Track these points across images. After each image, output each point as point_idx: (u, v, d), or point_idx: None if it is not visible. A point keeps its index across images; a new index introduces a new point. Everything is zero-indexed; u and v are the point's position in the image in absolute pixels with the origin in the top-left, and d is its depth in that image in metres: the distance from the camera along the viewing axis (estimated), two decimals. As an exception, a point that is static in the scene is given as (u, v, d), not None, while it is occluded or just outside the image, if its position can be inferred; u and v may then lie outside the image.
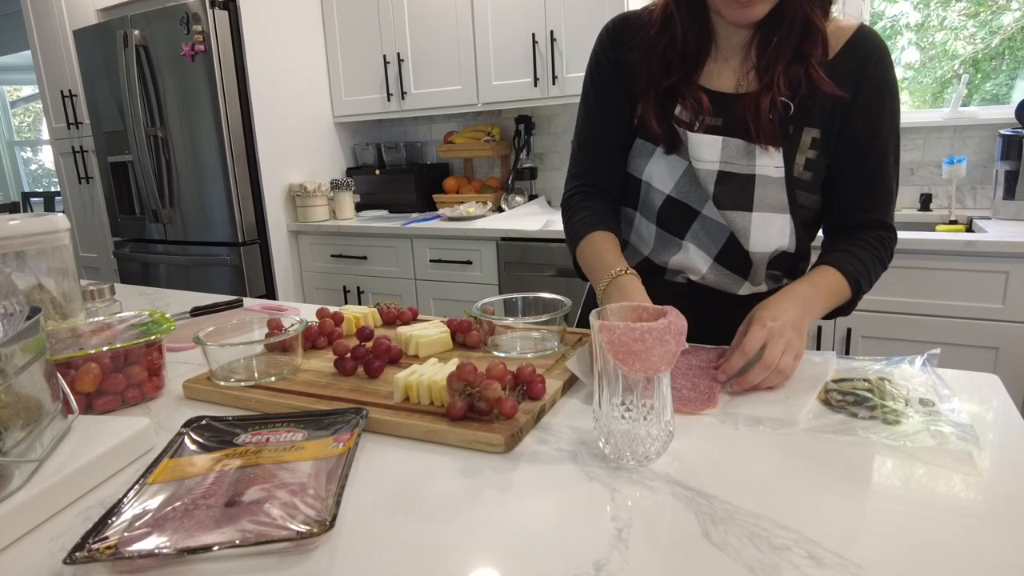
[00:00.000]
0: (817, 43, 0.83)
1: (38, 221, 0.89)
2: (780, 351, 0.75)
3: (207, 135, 2.65)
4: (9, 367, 0.56)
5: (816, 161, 0.88)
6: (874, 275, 0.90)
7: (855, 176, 0.89)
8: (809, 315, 0.82)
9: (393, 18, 2.77)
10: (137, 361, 0.81)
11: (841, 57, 0.85)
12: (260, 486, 0.54)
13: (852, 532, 0.49)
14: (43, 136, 5.48)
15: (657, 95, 0.90)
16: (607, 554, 0.48)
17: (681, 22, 0.88)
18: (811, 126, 0.87)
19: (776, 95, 0.84)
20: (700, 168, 0.88)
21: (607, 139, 0.99)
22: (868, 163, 0.88)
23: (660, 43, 0.90)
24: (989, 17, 2.32)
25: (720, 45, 0.90)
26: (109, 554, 0.47)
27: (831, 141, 0.88)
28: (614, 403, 0.59)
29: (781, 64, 0.84)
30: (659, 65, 0.90)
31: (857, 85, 0.85)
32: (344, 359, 0.83)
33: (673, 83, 0.89)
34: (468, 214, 2.68)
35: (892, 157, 0.89)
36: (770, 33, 0.85)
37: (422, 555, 0.49)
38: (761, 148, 0.86)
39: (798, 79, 0.84)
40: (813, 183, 0.89)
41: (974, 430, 0.63)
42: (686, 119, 0.89)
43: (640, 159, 0.95)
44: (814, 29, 0.83)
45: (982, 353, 1.78)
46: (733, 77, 0.90)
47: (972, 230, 2.04)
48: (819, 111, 0.86)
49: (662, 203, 0.93)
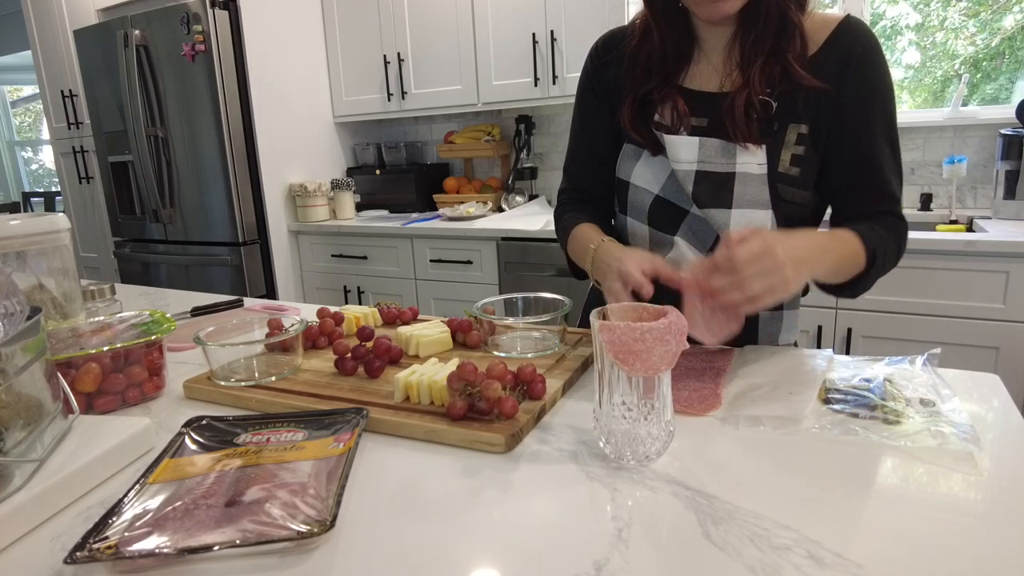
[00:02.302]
0: (794, 37, 0.83)
1: (39, 221, 0.89)
2: (755, 268, 0.66)
3: (207, 135, 2.65)
4: (10, 367, 0.56)
5: (805, 157, 0.87)
6: (888, 257, 0.85)
7: (849, 169, 0.87)
8: (817, 260, 0.75)
9: (393, 18, 2.77)
10: (137, 361, 0.81)
11: (825, 50, 0.85)
12: (260, 486, 0.54)
13: (853, 532, 0.49)
14: (43, 136, 5.48)
15: (635, 101, 0.92)
16: (607, 554, 0.48)
17: (658, 29, 0.90)
18: (796, 122, 0.86)
19: (753, 93, 0.84)
20: (679, 169, 0.89)
21: (594, 159, 1.03)
22: (860, 154, 0.86)
23: (641, 52, 0.92)
24: (989, 17, 2.32)
25: (704, 47, 0.91)
26: (110, 554, 0.47)
27: (821, 136, 0.87)
28: (615, 403, 0.59)
29: (759, 61, 0.84)
30: (640, 73, 0.92)
31: (841, 77, 0.84)
32: (344, 359, 0.83)
33: (650, 88, 0.91)
34: (468, 214, 2.67)
35: (887, 148, 0.86)
36: (748, 31, 0.85)
37: (422, 555, 0.49)
38: (742, 147, 0.86)
39: (776, 75, 0.84)
40: (802, 179, 0.88)
41: (974, 430, 0.63)
42: (667, 122, 0.91)
43: (627, 163, 0.97)
44: (790, 24, 0.83)
45: (983, 353, 1.78)
46: (717, 77, 0.90)
47: (973, 230, 2.04)
48: (804, 106, 0.85)
49: (651, 203, 0.94)
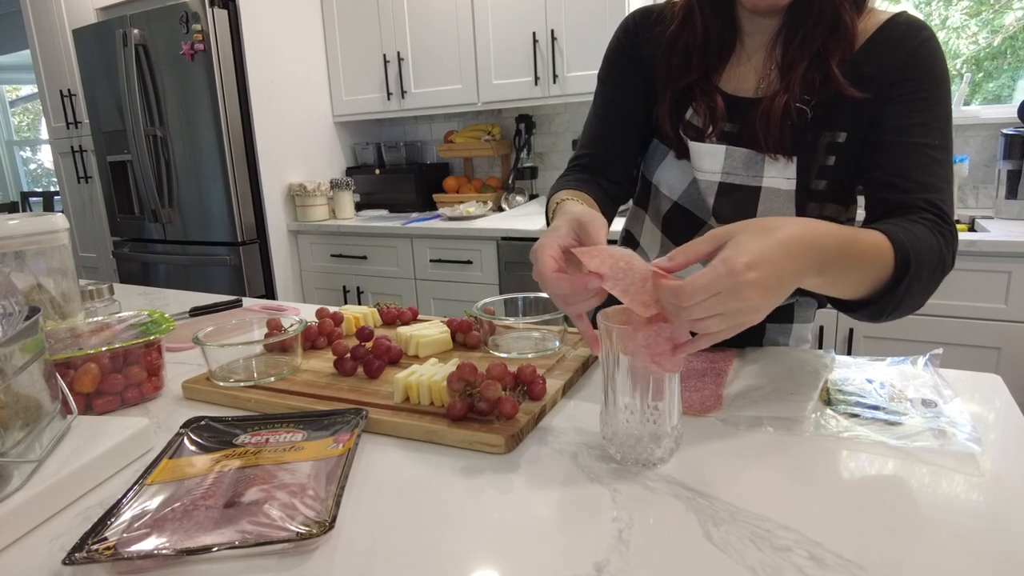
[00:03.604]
0: (843, 41, 0.76)
1: (37, 221, 0.88)
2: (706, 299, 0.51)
3: (207, 134, 2.65)
4: (8, 367, 0.55)
5: (833, 168, 0.80)
6: (929, 265, 0.66)
7: (886, 159, 0.76)
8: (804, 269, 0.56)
9: (393, 17, 2.77)
10: (136, 361, 0.81)
11: (873, 41, 0.77)
12: (259, 487, 0.54)
13: (854, 533, 0.49)
14: (42, 136, 5.47)
15: (674, 95, 0.86)
16: (608, 555, 0.47)
17: (703, 15, 0.82)
18: (832, 129, 0.79)
19: (792, 99, 0.77)
20: (701, 179, 0.85)
21: (616, 126, 0.94)
22: (903, 142, 0.75)
23: (681, 38, 0.84)
24: (991, 16, 2.32)
25: (745, 43, 0.84)
26: (108, 555, 0.47)
27: (858, 143, 0.79)
28: (622, 406, 0.58)
29: (802, 65, 0.77)
30: (679, 63, 0.85)
31: (887, 74, 0.75)
32: (344, 359, 0.83)
33: (691, 83, 0.84)
34: (468, 214, 2.67)
35: (938, 140, 0.74)
36: (796, 28, 0.78)
37: (422, 555, 0.48)
38: (771, 159, 0.80)
39: (816, 83, 0.77)
40: (828, 192, 0.82)
41: (976, 431, 0.62)
42: (698, 124, 0.85)
43: (653, 161, 0.93)
44: (842, 24, 0.75)
45: (984, 353, 1.78)
46: (755, 79, 0.83)
47: (974, 230, 2.04)
48: (842, 112, 0.78)
49: (668, 209, 0.91)
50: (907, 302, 0.67)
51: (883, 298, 0.66)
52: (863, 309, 0.69)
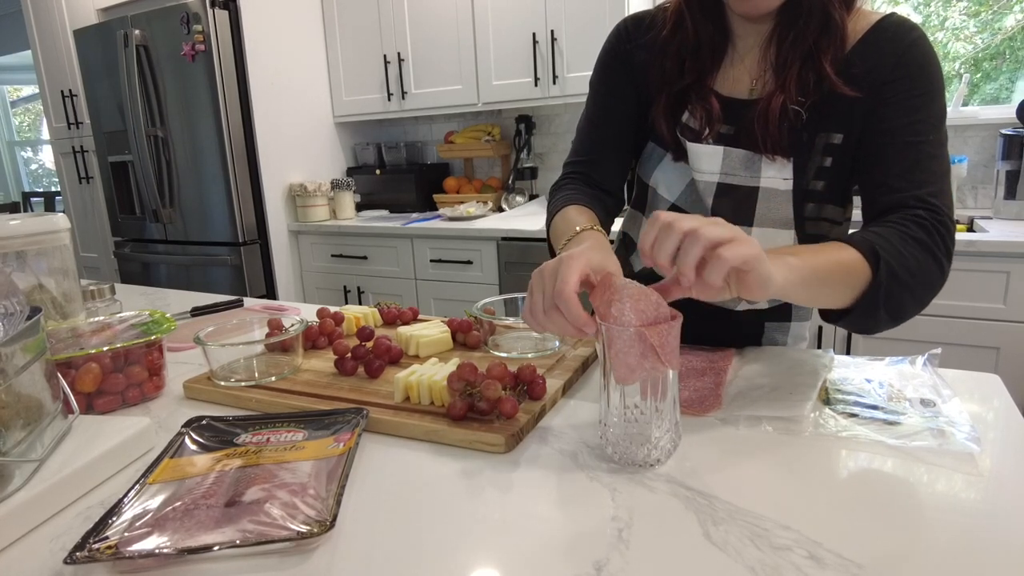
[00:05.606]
0: (834, 39, 0.77)
1: (38, 221, 0.89)
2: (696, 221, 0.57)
3: (207, 135, 2.65)
4: (9, 367, 0.55)
5: (830, 169, 0.81)
6: (905, 255, 0.69)
7: (880, 156, 0.77)
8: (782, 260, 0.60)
9: (393, 18, 2.77)
10: (137, 361, 0.81)
11: (864, 41, 0.78)
12: (260, 486, 0.54)
13: (853, 532, 0.49)
14: (43, 136, 5.48)
15: (669, 98, 0.86)
16: (607, 554, 0.48)
17: (693, 19, 0.84)
18: (827, 131, 0.80)
19: (788, 99, 0.78)
20: (700, 179, 0.85)
21: (610, 132, 0.95)
22: (896, 140, 0.76)
23: (673, 43, 0.86)
24: (990, 17, 2.32)
25: (737, 45, 0.85)
26: (109, 554, 0.47)
27: (854, 143, 0.80)
28: (622, 406, 0.58)
29: (796, 65, 0.78)
30: (672, 67, 0.86)
31: (883, 69, 0.76)
32: (344, 359, 0.83)
33: (686, 86, 0.85)
34: (468, 214, 2.67)
35: (931, 135, 0.75)
36: (788, 28, 0.79)
37: (422, 555, 0.49)
38: (768, 159, 0.81)
39: (810, 83, 0.78)
40: (825, 192, 0.83)
41: (975, 430, 0.63)
42: (694, 126, 0.85)
43: (649, 164, 0.93)
44: (832, 23, 0.76)
45: (983, 353, 1.78)
46: (748, 81, 0.84)
47: (973, 230, 2.04)
48: (837, 113, 0.79)
49: (666, 210, 0.91)
50: (887, 304, 0.69)
51: (866, 304, 0.69)
52: (844, 319, 0.72)
